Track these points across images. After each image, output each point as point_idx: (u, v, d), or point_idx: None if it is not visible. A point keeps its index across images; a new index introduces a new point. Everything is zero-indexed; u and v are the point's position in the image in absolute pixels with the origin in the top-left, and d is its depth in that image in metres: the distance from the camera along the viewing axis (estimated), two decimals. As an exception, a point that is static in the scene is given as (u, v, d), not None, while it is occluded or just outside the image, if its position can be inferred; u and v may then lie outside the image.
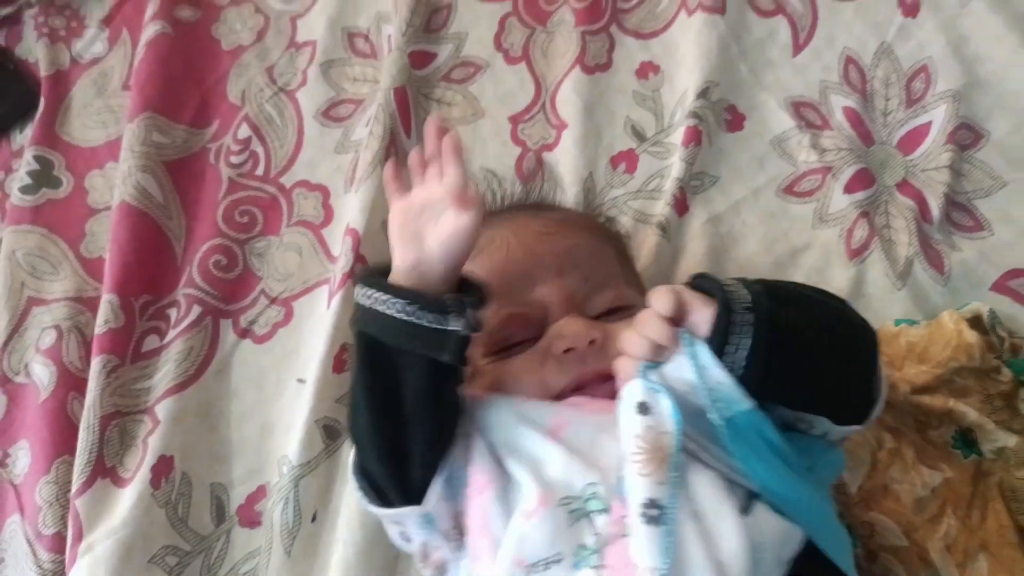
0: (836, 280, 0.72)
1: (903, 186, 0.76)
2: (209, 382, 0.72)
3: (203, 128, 0.85)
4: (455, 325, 0.48)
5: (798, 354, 0.46)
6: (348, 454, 0.67)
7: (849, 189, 0.75)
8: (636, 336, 0.47)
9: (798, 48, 0.84)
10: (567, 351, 0.54)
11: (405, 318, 0.48)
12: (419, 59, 0.85)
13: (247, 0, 0.91)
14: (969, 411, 0.62)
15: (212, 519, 0.68)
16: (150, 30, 0.87)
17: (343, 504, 0.66)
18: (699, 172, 0.78)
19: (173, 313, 0.75)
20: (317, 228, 0.80)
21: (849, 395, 0.50)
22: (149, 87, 0.84)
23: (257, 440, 0.70)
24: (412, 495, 0.51)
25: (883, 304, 0.70)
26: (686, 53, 0.83)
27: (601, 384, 0.53)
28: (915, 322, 0.67)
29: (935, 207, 0.74)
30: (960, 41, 0.81)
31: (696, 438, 0.46)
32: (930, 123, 0.78)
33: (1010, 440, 0.60)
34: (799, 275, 0.73)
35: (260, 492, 0.68)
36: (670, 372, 0.46)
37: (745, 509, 0.46)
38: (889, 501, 0.61)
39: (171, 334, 0.74)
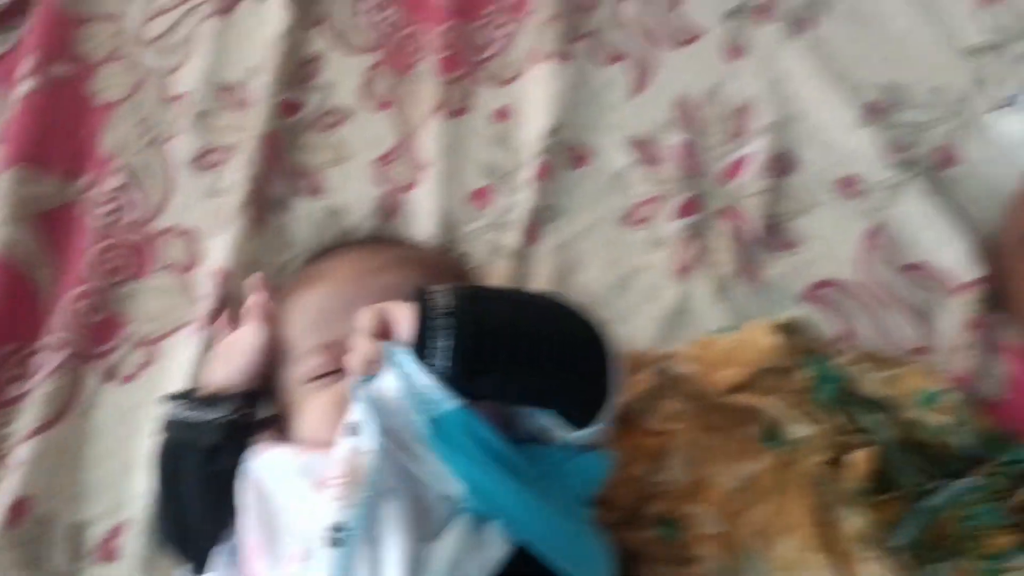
0: (666, 297, 0.80)
1: (726, 211, 0.84)
2: (72, 423, 0.73)
3: (76, 180, 0.88)
4: (214, 415, 0.59)
5: (505, 350, 0.49)
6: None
7: (676, 216, 0.83)
8: (350, 355, 0.52)
9: (636, 92, 0.92)
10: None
11: (178, 416, 0.61)
12: (287, 107, 0.91)
13: (120, 58, 0.95)
14: (771, 407, 0.69)
15: (69, 557, 0.68)
16: (23, 86, 0.91)
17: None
18: (547, 204, 0.85)
19: (35, 361, 0.76)
20: (184, 271, 0.83)
21: (571, 390, 0.53)
22: (21, 139, 0.87)
23: (118, 477, 0.72)
24: (201, 566, 0.58)
25: (706, 316, 0.78)
26: (537, 98, 0.91)
27: None
28: (728, 330, 0.75)
29: (753, 228, 0.82)
30: (778, 81, 0.91)
31: (411, 450, 0.49)
32: (749, 154, 0.87)
33: (806, 431, 0.68)
34: (634, 294, 0.80)
35: (119, 528, 0.70)
36: (380, 385, 0.49)
37: (437, 532, 0.48)
38: (709, 493, 0.68)
39: (34, 380, 0.75)
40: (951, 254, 0.80)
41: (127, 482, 0.72)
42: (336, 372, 0.60)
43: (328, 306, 0.61)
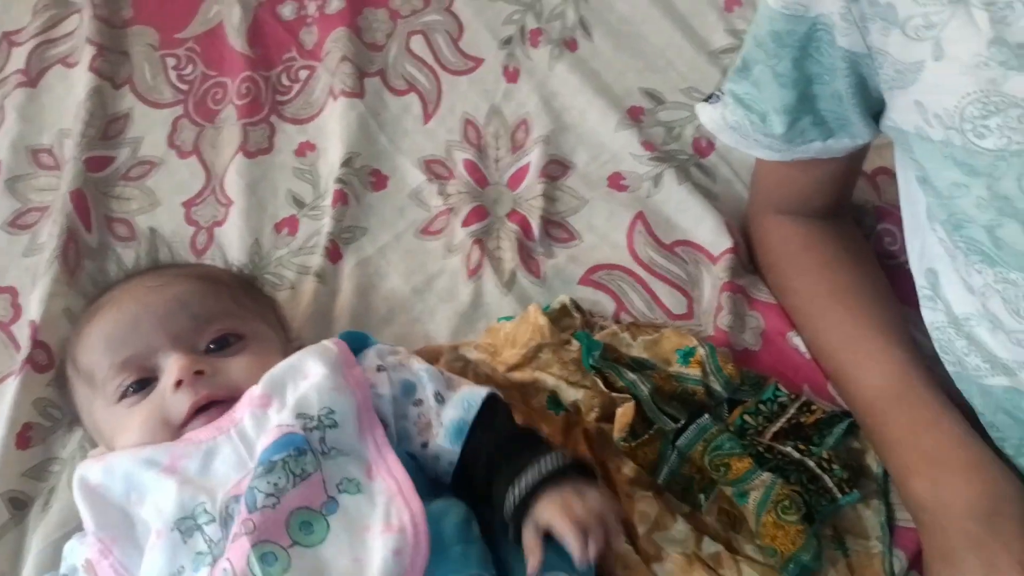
0: (461, 296, 0.88)
1: (511, 215, 0.94)
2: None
3: None
4: None
5: None
6: (31, 520, 0.75)
7: (466, 223, 0.92)
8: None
9: (427, 117, 1.02)
10: (177, 385, 0.65)
11: None
12: (96, 163, 0.96)
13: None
14: (547, 378, 0.78)
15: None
16: None
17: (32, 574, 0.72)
18: (349, 226, 0.93)
19: None
20: (6, 325, 0.87)
21: None
22: None
23: None
24: None
25: (496, 308, 0.87)
26: (334, 131, 0.99)
27: (214, 409, 0.65)
28: (510, 318, 0.84)
29: (535, 227, 0.92)
30: (550, 96, 1.02)
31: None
32: (529, 163, 0.97)
33: (579, 394, 0.77)
34: (433, 296, 0.88)
35: None
36: None
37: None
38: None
39: None
40: (706, 230, 0.91)
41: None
42: (140, 384, 0.67)
43: (116, 327, 0.68)
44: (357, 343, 0.75)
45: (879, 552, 0.71)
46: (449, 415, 0.67)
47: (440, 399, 0.68)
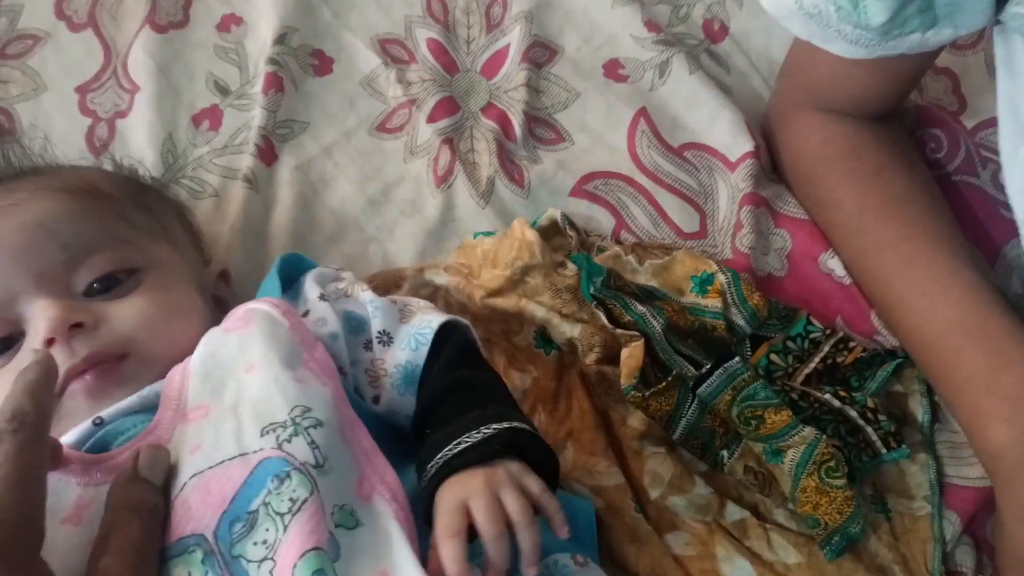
0: (427, 208, 0.72)
1: (488, 109, 0.77)
2: None
3: None
4: None
5: None
6: None
7: (432, 119, 0.75)
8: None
9: (381, -14, 0.83)
10: (48, 343, 0.48)
11: None
12: (-39, 36, 0.76)
13: None
14: (537, 308, 0.63)
15: None
16: None
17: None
18: (286, 120, 0.75)
19: None
20: None
21: None
22: None
23: None
24: None
25: (470, 223, 0.71)
26: (267, 2, 0.80)
27: (100, 370, 0.49)
28: (491, 233, 0.68)
29: (517, 125, 0.75)
30: (529, -37, 0.84)
31: None
32: (508, 45, 0.80)
33: (575, 330, 0.63)
34: (393, 208, 0.72)
35: None
36: None
37: None
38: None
39: None
40: (722, 130, 0.76)
41: None
42: (2, 344, 0.50)
43: None
44: (295, 269, 0.60)
45: (926, 514, 0.60)
46: (397, 358, 0.53)
47: (386, 338, 0.53)
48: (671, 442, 0.61)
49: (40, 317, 0.49)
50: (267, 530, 0.40)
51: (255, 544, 0.40)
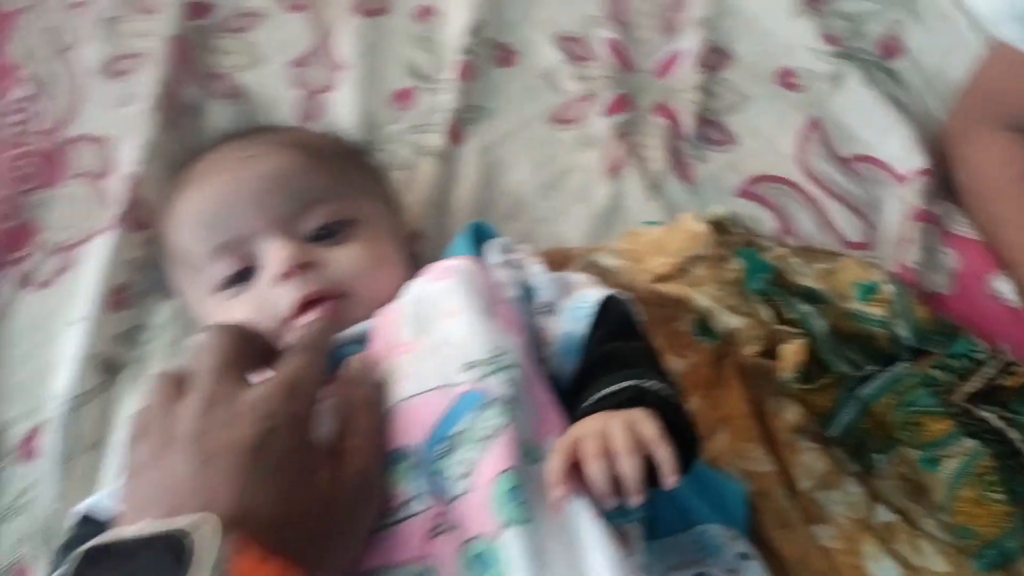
0: (597, 195, 0.76)
1: (659, 108, 0.80)
2: (-12, 331, 0.71)
3: (-22, 90, 0.83)
4: None
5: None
6: (124, 386, 0.68)
7: (608, 112, 0.79)
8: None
9: (565, -14, 0.88)
10: (281, 277, 0.55)
11: None
12: (197, 10, 0.86)
13: (21, -37, 0.89)
14: (701, 297, 0.66)
15: (-10, 455, 0.66)
16: (-83, -7, 0.85)
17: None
18: (473, 105, 0.81)
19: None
20: (98, 179, 0.79)
21: None
22: (-85, 49, 0.82)
23: (37, 382, 0.69)
24: None
25: (637, 213, 0.74)
26: (461, -4, 0.86)
27: (323, 304, 0.55)
28: (660, 223, 0.72)
29: (687, 124, 0.79)
30: (709, -28, 0.87)
31: None
32: (683, 49, 0.83)
33: (737, 322, 0.65)
34: (565, 194, 0.77)
35: (39, 428, 0.67)
36: None
37: None
38: (638, 387, 0.65)
39: (-54, 289, 0.72)
40: (894, 144, 0.77)
41: (44, 385, 0.69)
42: (239, 275, 0.58)
43: (206, 206, 0.58)
44: (483, 235, 0.65)
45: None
46: (559, 328, 0.56)
47: (551, 309, 0.57)
48: (824, 439, 0.63)
49: (275, 256, 0.56)
50: (468, 451, 0.45)
51: (456, 463, 0.45)
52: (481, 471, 0.44)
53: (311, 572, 0.35)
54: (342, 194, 0.60)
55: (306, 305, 0.55)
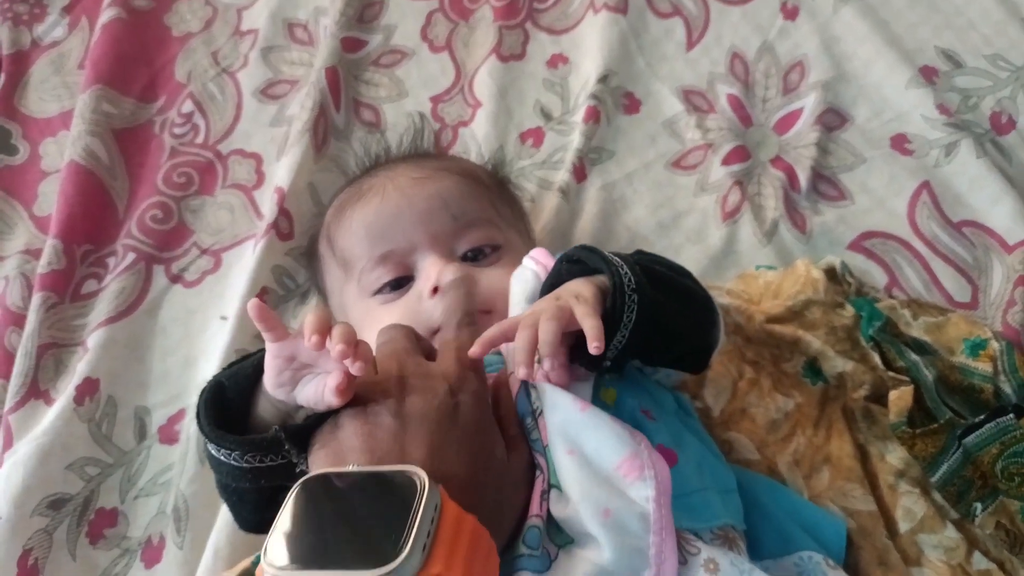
0: (712, 238, 0.81)
1: (776, 161, 0.85)
2: (139, 318, 0.79)
3: (150, 102, 0.93)
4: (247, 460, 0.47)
5: (663, 327, 0.52)
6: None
7: (727, 162, 0.84)
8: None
9: (691, 45, 0.94)
10: (434, 291, 0.61)
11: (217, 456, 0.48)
12: (351, 44, 0.94)
13: (197, -8, 1.00)
14: (814, 340, 0.69)
15: (134, 436, 0.73)
16: (106, 15, 0.96)
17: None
18: (597, 147, 0.87)
19: (112, 261, 0.83)
20: (249, 190, 0.88)
21: (701, 348, 0.58)
22: (102, 64, 0.93)
23: (180, 370, 0.77)
24: None
25: (750, 258, 0.79)
26: (591, 46, 0.93)
27: (472, 322, 0.59)
28: (773, 268, 0.75)
29: (803, 178, 0.83)
30: (832, 41, 0.92)
31: None
32: (802, 108, 0.88)
33: (847, 366, 0.68)
34: (680, 234, 0.81)
35: (180, 414, 0.74)
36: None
37: None
38: (746, 422, 0.68)
39: (108, 278, 0.81)
40: (1002, 214, 0.79)
41: (187, 375, 0.76)
42: (396, 283, 0.64)
43: (378, 218, 0.64)
44: None
45: None
46: None
47: None
48: (926, 485, 0.65)
49: (431, 270, 0.62)
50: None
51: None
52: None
53: None
54: (493, 221, 0.67)
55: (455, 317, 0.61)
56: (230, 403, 0.50)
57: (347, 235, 0.66)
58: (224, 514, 0.65)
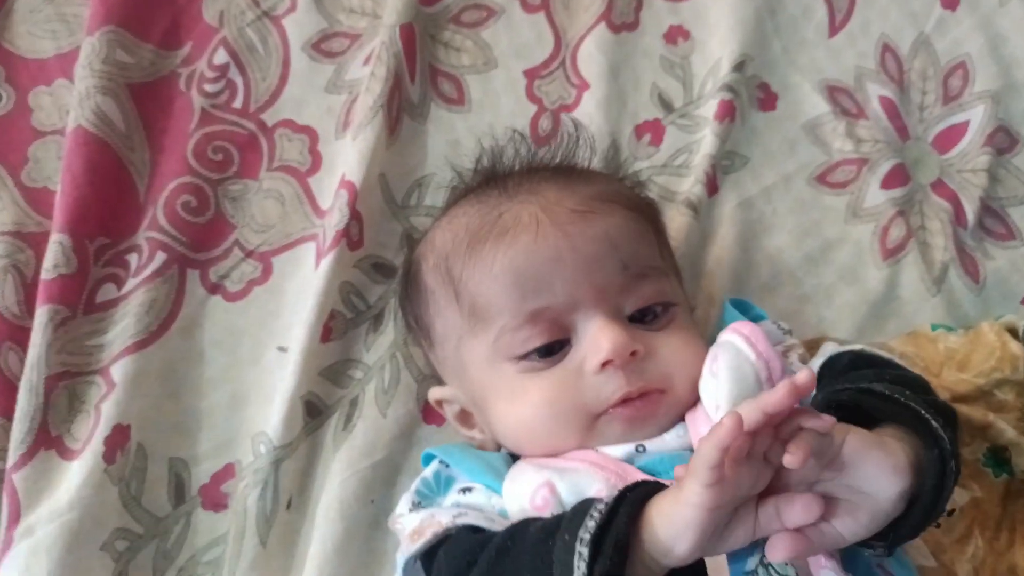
0: (869, 279, 0.68)
1: (938, 186, 0.72)
2: (173, 341, 0.63)
3: (173, 50, 0.74)
4: None
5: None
6: (329, 434, 0.60)
7: (886, 185, 0.71)
8: None
9: (834, 30, 0.78)
10: (604, 364, 0.48)
11: None
12: (431, -3, 0.76)
13: (232, -92, 0.79)
14: (1007, 428, 0.59)
15: (170, 499, 0.59)
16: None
17: (322, 492, 0.59)
18: (730, 151, 0.73)
19: (133, 259, 0.65)
20: (303, 176, 0.71)
21: None
22: (112, -1, 0.73)
23: (227, 411, 0.62)
24: None
25: (915, 309, 0.67)
26: (718, 22, 0.77)
27: (640, 401, 0.48)
28: (952, 328, 0.64)
29: (970, 211, 0.70)
30: (998, 40, 0.78)
31: None
32: (967, 122, 0.74)
33: (1045, 461, 0.58)
34: (832, 271, 0.69)
35: (228, 471, 0.60)
36: None
37: None
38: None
39: (131, 283, 0.64)
40: None
41: (236, 419, 0.61)
42: (547, 349, 0.49)
43: (531, 263, 0.50)
44: (741, 311, 0.58)
45: None
46: None
47: None
48: None
49: (602, 338, 0.48)
50: None
51: None
52: None
53: None
54: (663, 269, 0.53)
55: (629, 399, 0.48)
56: None
57: (485, 279, 0.51)
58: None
